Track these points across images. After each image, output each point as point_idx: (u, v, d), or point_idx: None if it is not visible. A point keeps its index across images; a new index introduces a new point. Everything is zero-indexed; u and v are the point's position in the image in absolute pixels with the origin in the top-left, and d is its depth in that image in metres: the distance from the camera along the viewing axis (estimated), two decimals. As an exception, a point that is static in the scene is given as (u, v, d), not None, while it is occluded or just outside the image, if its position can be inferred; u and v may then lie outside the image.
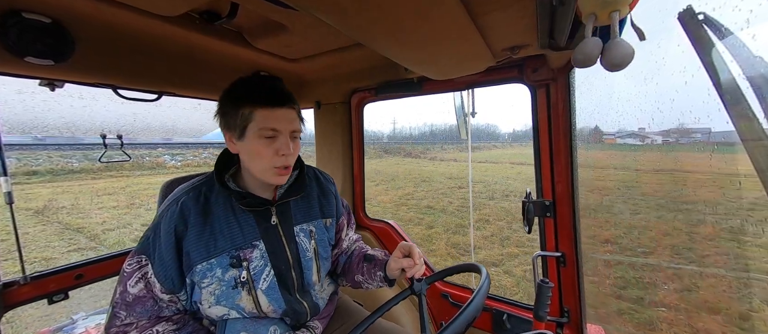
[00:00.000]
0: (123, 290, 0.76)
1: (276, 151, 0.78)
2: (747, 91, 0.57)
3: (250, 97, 0.77)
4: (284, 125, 0.78)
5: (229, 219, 0.81)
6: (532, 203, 1.13)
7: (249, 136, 0.77)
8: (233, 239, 0.81)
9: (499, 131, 65.70)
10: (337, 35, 1.11)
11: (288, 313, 0.87)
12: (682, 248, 4.39)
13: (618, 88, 1.24)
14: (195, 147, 20.11)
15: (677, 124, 5.20)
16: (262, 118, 0.76)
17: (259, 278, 0.83)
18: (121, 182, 12.75)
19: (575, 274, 1.13)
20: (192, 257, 0.77)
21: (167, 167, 16.68)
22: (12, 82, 1.06)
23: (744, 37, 0.58)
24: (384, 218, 1.73)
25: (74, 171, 14.00)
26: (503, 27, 0.76)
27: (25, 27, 0.77)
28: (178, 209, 0.78)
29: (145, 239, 0.79)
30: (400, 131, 66.83)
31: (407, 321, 1.46)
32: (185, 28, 0.98)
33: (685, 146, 6.46)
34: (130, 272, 0.76)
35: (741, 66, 0.57)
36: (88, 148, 16.03)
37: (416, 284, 0.87)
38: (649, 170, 7.59)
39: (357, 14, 0.61)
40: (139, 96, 1.17)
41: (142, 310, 0.76)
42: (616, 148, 8.42)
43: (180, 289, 0.79)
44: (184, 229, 0.77)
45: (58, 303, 1.15)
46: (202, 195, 0.82)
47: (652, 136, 8.19)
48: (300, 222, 0.92)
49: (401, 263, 0.88)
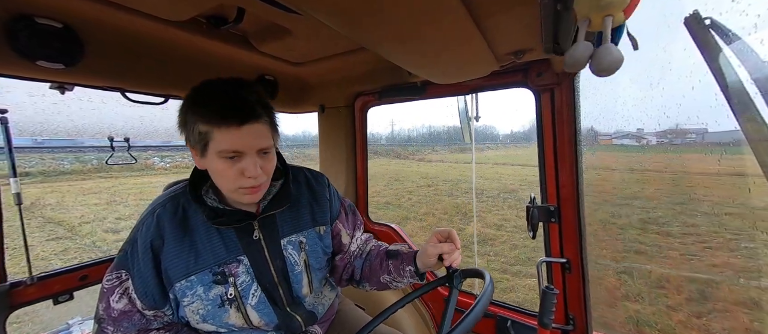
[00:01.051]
0: (106, 305, 0.71)
1: (241, 172, 0.69)
2: (756, 96, 0.56)
3: (205, 114, 0.66)
4: (248, 144, 0.68)
5: (210, 233, 0.75)
6: (537, 208, 1.12)
7: (210, 155, 0.68)
8: (215, 254, 0.74)
9: (497, 133, 66.10)
10: (341, 39, 1.11)
11: (281, 326, 0.84)
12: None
13: (623, 93, 1.23)
14: (186, 149, 20.54)
15: (673, 125, 5.36)
16: (221, 139, 0.66)
17: (247, 294, 0.77)
18: (108, 182, 13.33)
19: (581, 280, 1.11)
20: (170, 274, 0.71)
21: (156, 169, 17.01)
22: (22, 86, 1.08)
23: (752, 41, 0.58)
24: (387, 222, 1.73)
25: (65, 172, 14.52)
26: (507, 31, 0.76)
27: (37, 31, 0.79)
28: (154, 221, 0.72)
29: (123, 254, 0.73)
30: (399, 133, 67.15)
31: (409, 326, 1.44)
32: (192, 32, 0.99)
33: (680, 147, 6.61)
34: (111, 287, 0.71)
35: (749, 71, 0.56)
36: (80, 151, 16.62)
37: (456, 277, 0.79)
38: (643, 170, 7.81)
39: (361, 18, 0.61)
40: (147, 99, 1.18)
41: (129, 324, 0.72)
42: (611, 150, 8.44)
43: (164, 305, 0.74)
44: (161, 244, 0.71)
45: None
46: (180, 207, 0.75)
47: (648, 137, 8.31)
48: (288, 234, 0.85)
49: (441, 247, 0.79)
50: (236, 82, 0.72)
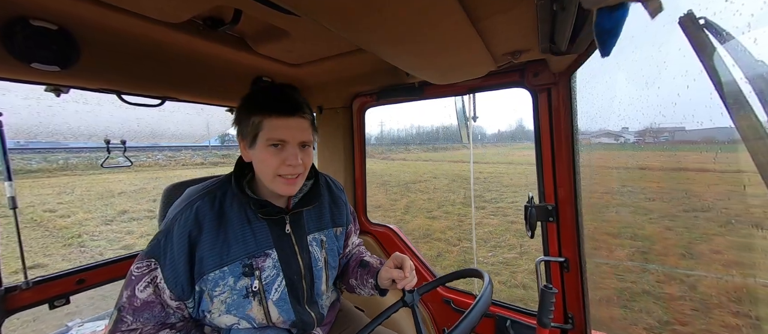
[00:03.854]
0: (130, 294, 0.74)
1: (283, 161, 0.77)
2: (750, 95, 0.57)
3: (260, 105, 0.77)
4: (293, 135, 0.77)
5: (243, 226, 0.80)
6: (535, 208, 1.12)
7: (259, 144, 0.77)
8: (247, 246, 0.79)
9: (485, 133, 67.44)
10: (338, 40, 1.11)
11: (296, 324, 0.87)
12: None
13: (619, 92, 1.24)
14: (151, 150, 21.68)
15: (649, 124, 5.70)
16: (271, 127, 0.75)
17: (270, 288, 0.82)
18: (70, 179, 14.35)
19: (579, 279, 1.12)
20: (205, 265, 0.75)
21: (120, 166, 18.11)
22: (18, 88, 1.07)
23: (745, 40, 0.58)
24: (386, 224, 1.73)
25: (31, 171, 15.52)
26: (504, 32, 0.77)
27: (32, 33, 0.78)
28: (192, 213, 0.76)
29: (156, 242, 0.76)
30: (388, 133, 67.46)
31: (408, 326, 1.44)
32: (189, 34, 0.99)
33: (652, 145, 6.95)
34: (139, 275, 0.74)
35: (743, 70, 0.57)
36: (47, 151, 17.62)
37: (407, 296, 0.86)
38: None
39: (358, 20, 0.61)
40: (143, 101, 1.18)
41: (150, 315, 0.74)
42: (589, 149, 8.68)
43: (189, 296, 0.77)
44: (198, 234, 0.75)
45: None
46: (216, 200, 0.80)
47: (626, 136, 8.66)
48: (312, 231, 0.92)
49: (392, 273, 0.87)
50: (286, 86, 0.85)
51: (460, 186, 12.32)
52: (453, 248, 5.46)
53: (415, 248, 1.63)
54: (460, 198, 9.98)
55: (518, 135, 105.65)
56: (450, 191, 11.62)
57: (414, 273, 0.88)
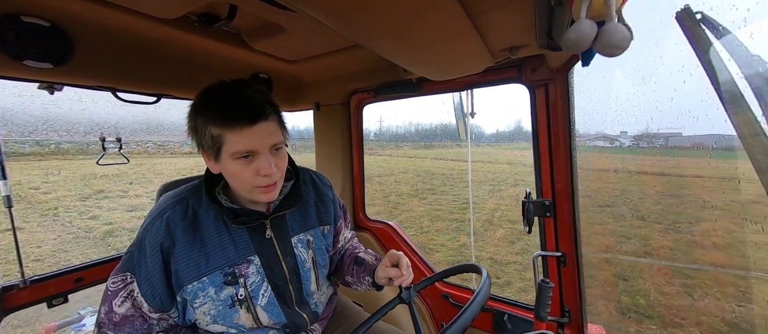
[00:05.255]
0: (108, 310, 0.70)
1: (256, 172, 0.70)
2: (745, 90, 0.57)
3: (216, 117, 0.67)
4: (261, 143, 0.69)
5: (220, 234, 0.76)
6: (532, 203, 1.13)
7: (224, 158, 0.69)
8: (226, 255, 0.75)
9: (483, 132, 67.82)
10: (335, 36, 1.11)
11: (288, 325, 0.86)
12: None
13: (617, 87, 1.25)
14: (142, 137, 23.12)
15: (644, 129, 6.29)
16: (234, 140, 0.67)
17: (257, 294, 0.79)
18: (60, 163, 15.95)
19: (576, 274, 1.13)
20: (182, 277, 0.71)
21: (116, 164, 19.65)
22: (11, 86, 1.05)
23: (742, 35, 0.59)
24: (384, 220, 1.73)
25: (24, 154, 17.08)
26: (501, 27, 0.77)
27: (24, 30, 0.77)
28: (163, 224, 0.72)
29: (130, 255, 0.72)
30: (387, 130, 67.79)
31: (406, 320, 1.46)
32: (184, 30, 0.98)
33: (645, 149, 7.34)
34: (115, 290, 0.71)
35: (739, 65, 0.57)
36: (43, 139, 19.49)
37: (404, 293, 0.86)
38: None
39: (355, 16, 0.61)
40: (139, 98, 1.17)
41: (131, 329, 0.71)
42: (583, 151, 8.86)
43: (170, 307, 0.74)
44: (171, 246, 0.71)
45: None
46: (189, 208, 0.75)
47: (621, 140, 9.21)
48: (297, 233, 0.88)
49: (388, 272, 0.86)
50: (239, 83, 0.71)
51: (421, 181, 13.35)
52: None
53: (413, 245, 1.63)
54: (407, 190, 11.18)
55: (516, 135, 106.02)
56: (405, 183, 12.68)
57: (410, 270, 0.87)
